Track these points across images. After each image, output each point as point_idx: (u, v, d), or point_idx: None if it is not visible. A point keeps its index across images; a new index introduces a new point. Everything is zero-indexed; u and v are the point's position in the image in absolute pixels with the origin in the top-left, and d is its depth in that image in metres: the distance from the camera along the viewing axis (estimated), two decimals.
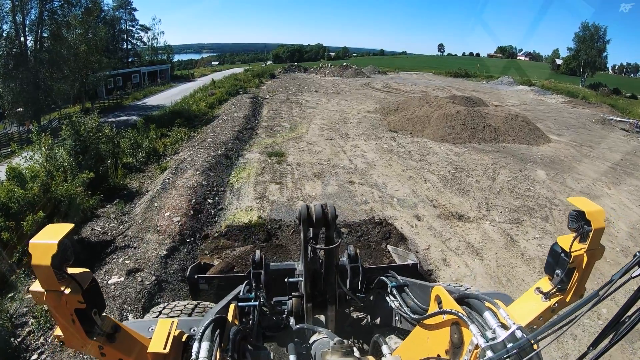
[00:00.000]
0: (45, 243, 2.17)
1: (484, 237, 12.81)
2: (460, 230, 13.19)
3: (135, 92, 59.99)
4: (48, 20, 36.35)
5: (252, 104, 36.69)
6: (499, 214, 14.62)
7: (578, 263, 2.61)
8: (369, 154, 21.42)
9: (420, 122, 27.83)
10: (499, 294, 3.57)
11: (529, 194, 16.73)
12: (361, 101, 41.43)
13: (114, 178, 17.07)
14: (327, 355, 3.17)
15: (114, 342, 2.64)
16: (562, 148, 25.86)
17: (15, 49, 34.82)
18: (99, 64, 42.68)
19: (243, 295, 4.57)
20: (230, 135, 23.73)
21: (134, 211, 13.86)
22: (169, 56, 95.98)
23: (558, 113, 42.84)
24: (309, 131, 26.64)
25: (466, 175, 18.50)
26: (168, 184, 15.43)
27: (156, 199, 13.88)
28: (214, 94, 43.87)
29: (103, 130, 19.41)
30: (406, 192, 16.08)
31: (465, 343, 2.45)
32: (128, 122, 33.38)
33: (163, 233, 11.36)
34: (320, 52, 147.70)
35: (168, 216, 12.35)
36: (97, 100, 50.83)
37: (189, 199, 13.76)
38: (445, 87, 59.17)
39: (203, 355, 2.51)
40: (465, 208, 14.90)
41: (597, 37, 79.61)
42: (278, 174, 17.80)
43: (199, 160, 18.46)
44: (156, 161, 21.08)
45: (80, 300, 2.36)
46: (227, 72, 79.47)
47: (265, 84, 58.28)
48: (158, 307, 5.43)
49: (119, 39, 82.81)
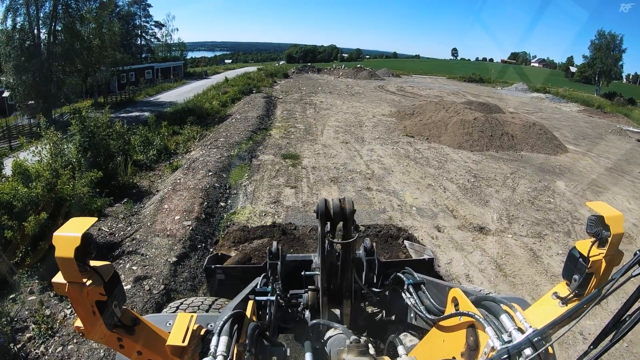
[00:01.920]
0: (69, 236, 2.20)
1: (507, 251, 12.23)
2: (481, 243, 12.61)
3: (148, 88, 60.17)
4: (62, 13, 36.32)
5: (266, 103, 36.33)
6: (520, 226, 14.04)
7: (596, 268, 2.48)
8: (385, 159, 20.85)
9: (437, 127, 27.22)
10: (516, 298, 3.54)
11: (550, 207, 16.13)
12: (376, 104, 40.97)
13: (123, 176, 16.61)
14: (343, 354, 3.10)
15: (133, 335, 2.71)
16: (580, 159, 25.24)
17: (28, 41, 34.87)
18: (113, 59, 42.80)
19: (260, 289, 4.54)
20: (243, 135, 23.24)
21: (143, 212, 13.34)
22: (183, 53, 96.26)
23: (574, 122, 42.22)
24: (324, 133, 26.14)
25: (485, 185, 17.91)
26: (179, 184, 14.90)
27: (166, 200, 13.34)
28: (227, 92, 43.60)
29: (114, 126, 19.05)
30: (425, 201, 15.49)
31: (481, 345, 2.46)
32: (140, 118, 33.08)
33: (173, 238, 10.80)
34: (334, 53, 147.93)
35: (178, 219, 11.79)
36: (109, 95, 51.07)
37: (201, 202, 13.21)
38: (460, 92, 58.67)
39: (221, 349, 2.51)
40: (486, 220, 14.32)
41: (613, 45, 78.61)
42: (293, 178, 17.23)
43: (212, 160, 17.95)
44: (167, 159, 20.67)
45: (102, 292, 2.41)
46: (240, 71, 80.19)
47: (279, 84, 58.19)
48: (175, 303, 5.36)
49: (133, 35, 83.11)
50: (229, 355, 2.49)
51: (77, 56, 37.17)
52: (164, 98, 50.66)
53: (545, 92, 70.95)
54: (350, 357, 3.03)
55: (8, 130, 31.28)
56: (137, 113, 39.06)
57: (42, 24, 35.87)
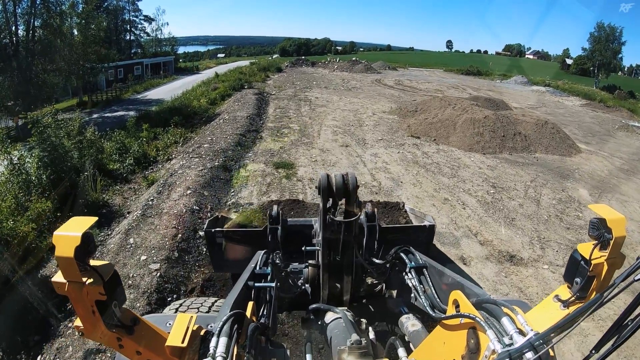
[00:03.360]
0: (69, 235, 2.08)
1: (546, 289, 10.18)
2: (516, 280, 10.48)
3: (136, 84, 58.74)
4: (41, 8, 34.93)
5: (257, 100, 34.29)
6: (555, 252, 12.03)
7: (598, 272, 2.39)
8: (392, 167, 18.70)
9: (445, 127, 25.15)
10: (517, 301, 3.46)
11: (580, 223, 14.23)
12: (375, 100, 39.08)
13: (92, 193, 14.29)
14: (344, 355, 3.03)
15: (132, 335, 2.53)
16: (594, 160, 23.75)
17: (5, 39, 33.69)
18: (97, 56, 41.27)
19: (259, 270, 4.16)
20: (230, 140, 20.82)
21: (108, 246, 10.89)
22: (174, 48, 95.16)
23: (579, 117, 41.01)
24: (321, 135, 23.96)
25: (507, 197, 15.86)
26: (151, 207, 12.52)
27: (133, 233, 10.86)
28: (217, 89, 41.71)
29: (85, 132, 16.98)
30: (444, 222, 13.26)
31: (482, 348, 2.30)
32: (124, 118, 31.42)
33: (135, 289, 8.43)
34: (328, 46, 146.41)
35: (144, 261, 9.37)
36: (96, 93, 49.55)
37: (174, 233, 10.74)
38: (460, 86, 57.18)
39: (221, 350, 2.35)
40: (516, 245, 12.21)
41: (612, 37, 78.50)
42: (287, 193, 14.87)
43: (192, 174, 15.46)
44: (146, 168, 18.59)
45: (101, 292, 2.27)
46: (233, 65, 79.25)
47: (272, 78, 56.26)
48: (175, 304, 5.10)
49: (122, 30, 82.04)
50: (228, 356, 2.34)
51: (58, 54, 35.84)
52: (152, 95, 49.17)
53: (545, 85, 70.13)
54: (351, 359, 3.02)
55: None
56: (122, 112, 37.71)
57: (20, 20, 34.75)
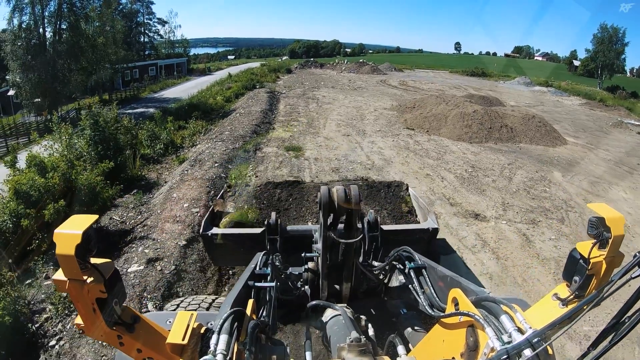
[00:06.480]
0: (69, 233, 2.21)
1: (500, 236, 12.72)
2: (476, 229, 13.11)
3: (152, 84, 60.88)
4: (67, 11, 37.08)
5: (269, 98, 36.83)
6: (515, 214, 14.51)
7: (596, 270, 2.53)
8: (385, 151, 21.36)
9: (437, 120, 27.67)
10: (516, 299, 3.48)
11: (545, 195, 16.57)
12: (378, 98, 41.32)
13: (132, 169, 17.25)
14: (343, 352, 3.17)
15: (132, 332, 2.70)
16: (578, 150, 25.58)
17: (34, 40, 35.63)
18: (117, 56, 43.40)
19: (259, 271, 4.32)
20: (248, 129, 23.82)
21: (153, 201, 13.97)
22: (186, 49, 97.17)
23: (575, 115, 42.33)
24: (326, 127, 26.65)
25: (483, 175, 18.37)
26: (187, 174, 15.51)
27: (175, 190, 13.95)
28: (231, 88, 44.06)
29: (121, 121, 19.63)
30: (423, 190, 15.94)
31: (481, 346, 2.47)
32: (145, 114, 33.70)
33: (182, 223, 11.40)
34: (337, 48, 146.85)
35: (187, 207, 12.40)
36: (114, 92, 51.60)
37: (208, 191, 13.80)
38: (462, 86, 58.73)
39: (221, 347, 2.49)
40: (481, 207, 14.81)
41: (615, 39, 78.52)
42: (296, 169, 17.79)
43: (217, 152, 18.57)
44: (174, 153, 21.29)
45: (102, 290, 2.41)
46: (244, 67, 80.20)
47: (282, 79, 58.55)
48: (176, 301, 5.49)
49: (136, 32, 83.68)
50: (228, 353, 2.48)
51: (82, 54, 37.85)
52: (168, 94, 51.23)
53: (547, 86, 70.52)
54: (351, 356, 3.12)
55: (16, 127, 31.97)
56: (142, 109, 39.61)
57: (48, 22, 36.63)
